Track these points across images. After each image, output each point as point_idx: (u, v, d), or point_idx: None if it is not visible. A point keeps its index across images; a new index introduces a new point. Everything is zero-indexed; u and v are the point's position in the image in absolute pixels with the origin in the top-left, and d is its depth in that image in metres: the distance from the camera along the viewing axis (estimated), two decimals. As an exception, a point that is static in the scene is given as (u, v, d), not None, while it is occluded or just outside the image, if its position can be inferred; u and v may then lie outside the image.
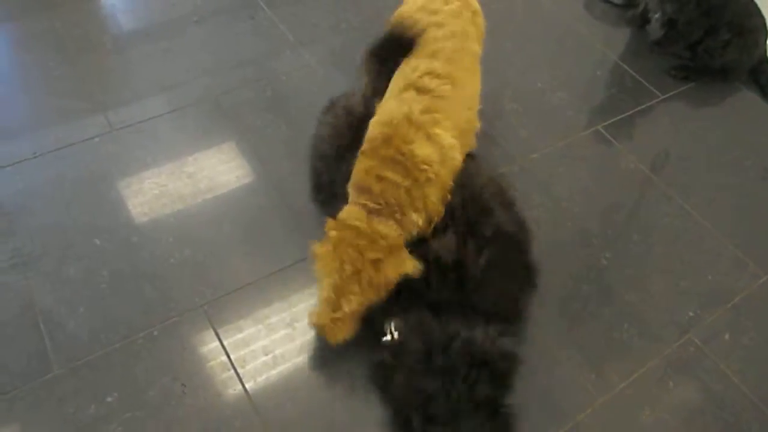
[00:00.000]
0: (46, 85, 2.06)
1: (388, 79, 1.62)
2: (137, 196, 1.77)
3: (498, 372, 1.38)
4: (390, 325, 1.42)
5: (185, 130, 1.96)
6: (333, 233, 1.37)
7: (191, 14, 2.33)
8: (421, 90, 1.49)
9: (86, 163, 1.83)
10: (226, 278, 1.61)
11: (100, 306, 1.53)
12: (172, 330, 1.51)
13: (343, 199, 1.49)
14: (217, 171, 1.86)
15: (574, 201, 1.87)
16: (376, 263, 1.34)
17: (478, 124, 1.68)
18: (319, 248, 1.39)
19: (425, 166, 1.40)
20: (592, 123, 2.17)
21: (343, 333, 1.39)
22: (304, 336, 1.53)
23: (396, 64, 1.61)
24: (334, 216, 1.42)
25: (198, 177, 1.84)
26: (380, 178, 1.40)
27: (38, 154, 1.83)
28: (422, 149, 1.41)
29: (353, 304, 1.35)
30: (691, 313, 1.68)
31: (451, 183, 1.48)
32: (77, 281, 1.57)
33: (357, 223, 1.37)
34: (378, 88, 1.65)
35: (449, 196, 1.48)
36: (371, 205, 1.40)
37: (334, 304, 1.36)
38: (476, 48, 1.68)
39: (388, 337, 1.41)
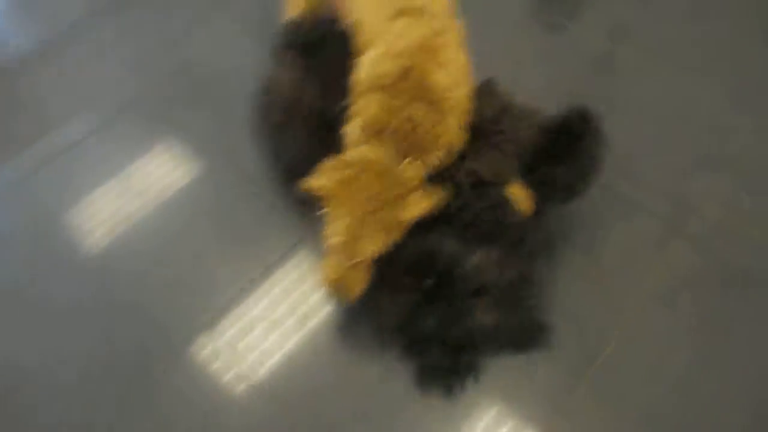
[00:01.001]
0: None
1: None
2: (91, 228, 1.63)
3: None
4: None
5: (118, 144, 1.80)
6: (348, 171, 1.25)
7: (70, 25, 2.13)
8: (413, 13, 1.37)
9: (21, 209, 1.68)
10: (214, 290, 1.51)
11: (92, 354, 1.43)
12: (176, 361, 1.42)
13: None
14: (164, 180, 1.71)
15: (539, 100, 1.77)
16: (395, 203, 1.24)
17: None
18: (327, 183, 1.25)
19: (447, 95, 1.31)
20: (542, 11, 2.05)
21: (359, 284, 1.29)
22: (309, 327, 1.46)
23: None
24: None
25: (148, 191, 1.69)
26: (408, 118, 1.29)
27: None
28: (442, 77, 1.32)
29: (371, 248, 1.24)
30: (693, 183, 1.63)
31: (469, 104, 1.39)
32: (63, 338, 1.46)
33: (378, 162, 1.27)
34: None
35: (468, 118, 1.39)
36: (396, 145, 1.29)
37: (350, 250, 1.25)
38: None
39: None
